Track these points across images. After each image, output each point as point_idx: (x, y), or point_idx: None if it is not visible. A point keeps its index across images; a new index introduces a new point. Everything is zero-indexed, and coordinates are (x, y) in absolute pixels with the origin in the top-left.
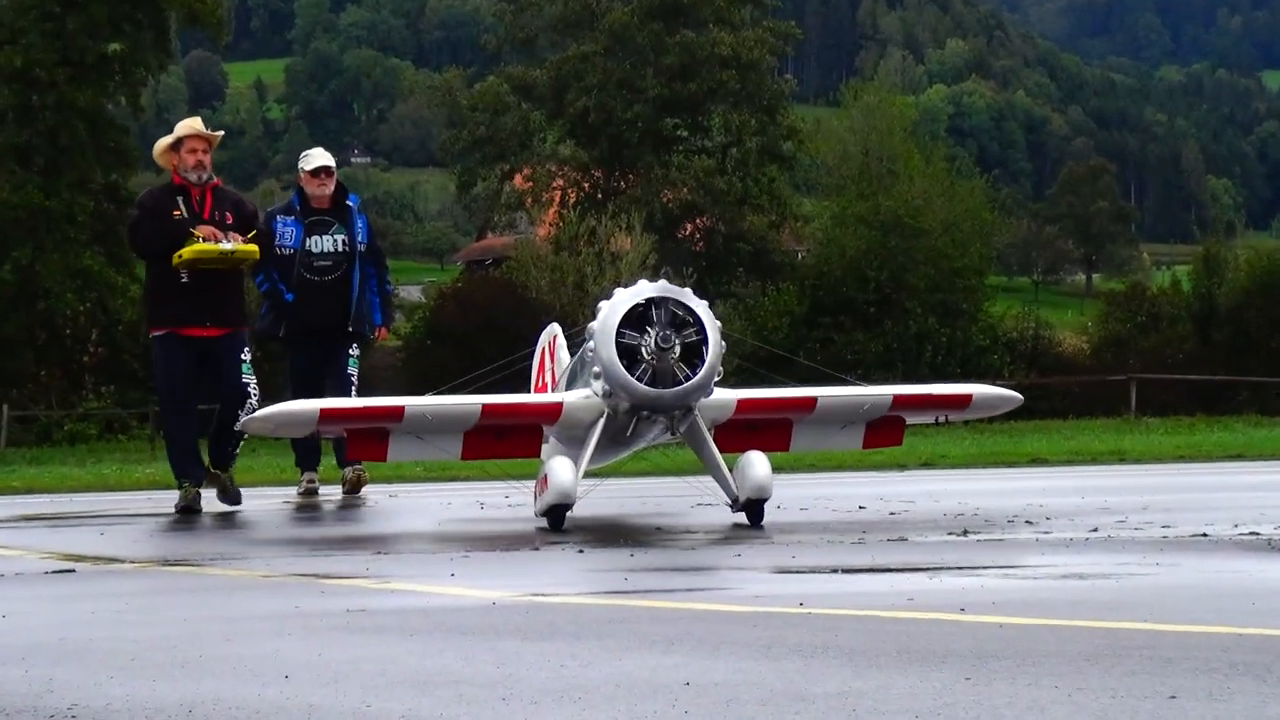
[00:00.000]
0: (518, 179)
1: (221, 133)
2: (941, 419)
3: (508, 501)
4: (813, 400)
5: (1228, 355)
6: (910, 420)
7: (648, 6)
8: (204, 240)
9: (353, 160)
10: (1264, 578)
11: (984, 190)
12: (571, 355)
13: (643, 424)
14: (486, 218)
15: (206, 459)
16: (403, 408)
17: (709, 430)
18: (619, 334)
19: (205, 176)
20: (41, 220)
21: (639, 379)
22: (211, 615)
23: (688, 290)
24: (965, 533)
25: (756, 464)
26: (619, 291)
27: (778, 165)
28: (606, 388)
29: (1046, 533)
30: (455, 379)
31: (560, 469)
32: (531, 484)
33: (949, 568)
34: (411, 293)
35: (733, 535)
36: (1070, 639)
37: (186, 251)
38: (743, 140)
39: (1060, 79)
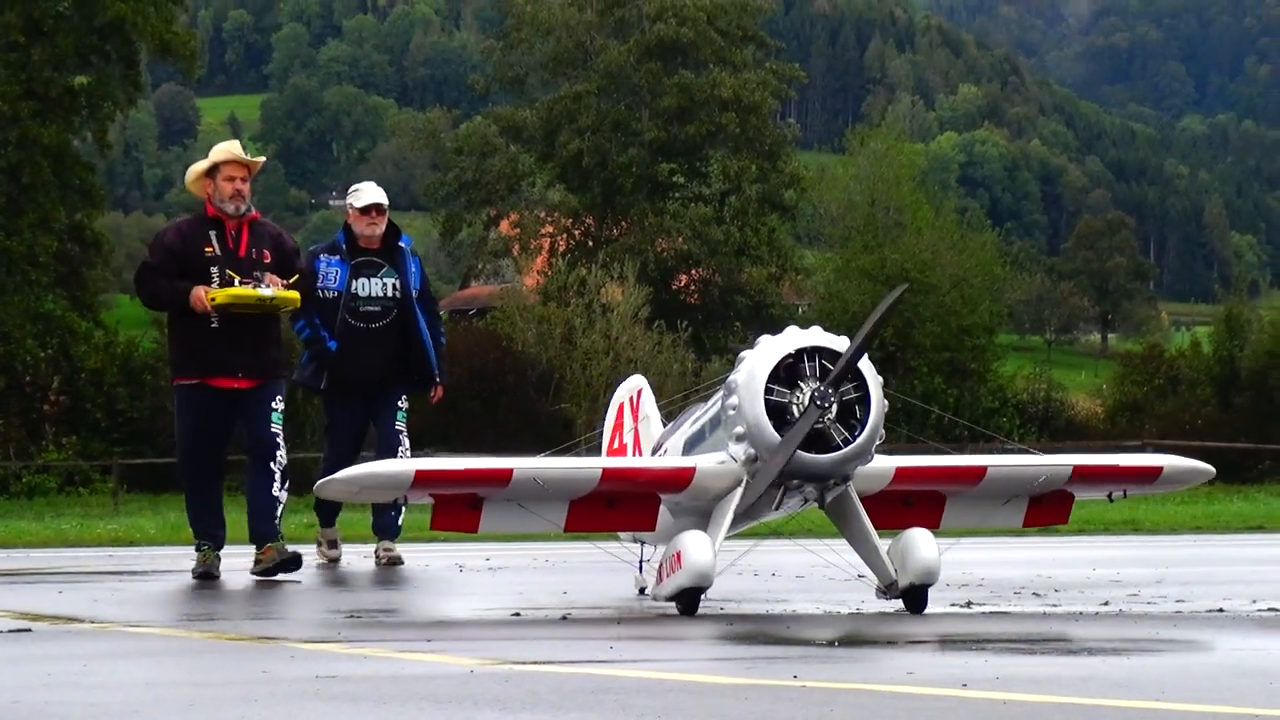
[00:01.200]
0: (504, 225)
1: (264, 159)
2: (1119, 494)
3: (488, 563)
4: (981, 470)
5: (1249, 422)
6: (1081, 496)
7: (645, 45)
8: (239, 284)
9: (331, 203)
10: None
11: (995, 244)
12: (662, 411)
13: (789, 494)
14: (471, 265)
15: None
16: (511, 470)
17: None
18: (767, 390)
19: (244, 208)
20: (1, 261)
21: None
22: (174, 679)
23: (843, 339)
24: (969, 604)
25: (922, 543)
26: (765, 340)
27: (778, 214)
28: (751, 451)
29: (1055, 605)
30: (433, 433)
31: (698, 546)
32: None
33: (952, 640)
34: None
35: (721, 602)
36: (1079, 716)
37: (220, 295)
38: (742, 187)
39: (1077, 128)
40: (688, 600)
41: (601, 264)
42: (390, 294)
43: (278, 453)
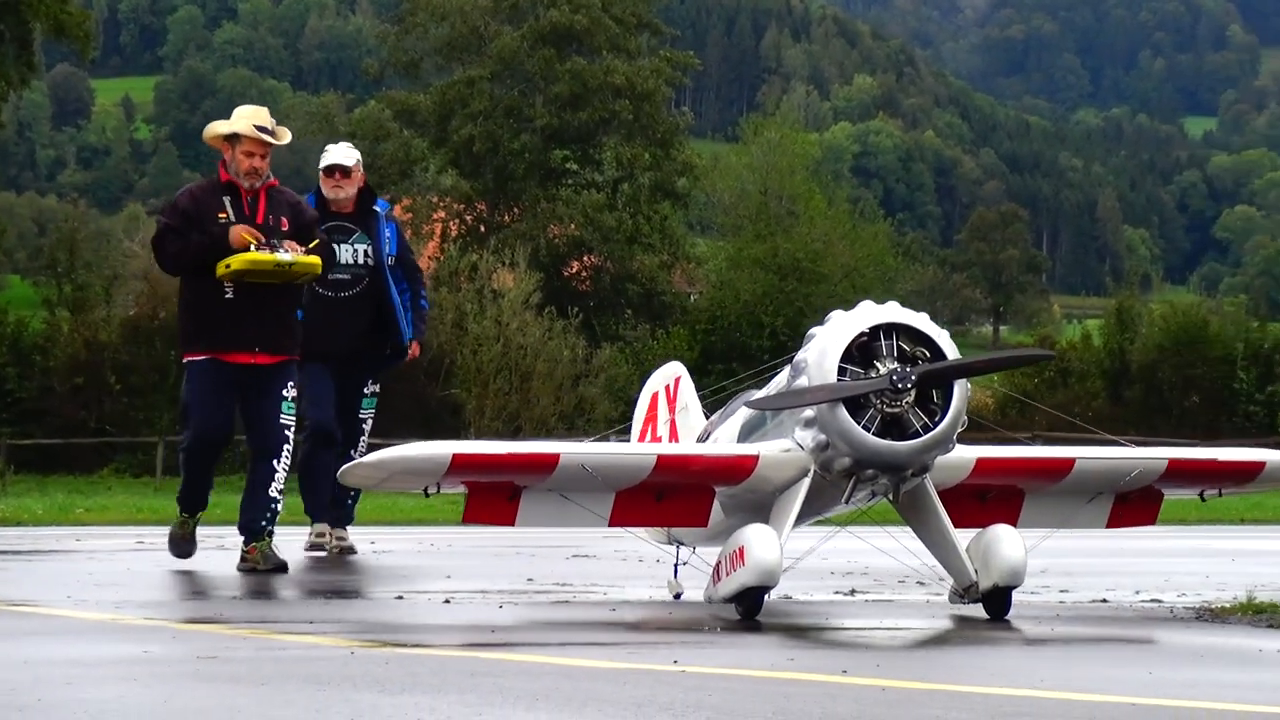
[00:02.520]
0: (397, 209)
1: (289, 135)
2: (1212, 493)
3: (372, 547)
4: (1069, 463)
5: (1139, 415)
6: (1172, 494)
7: (539, 31)
8: (255, 248)
9: None
10: (1163, 647)
11: (888, 234)
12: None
13: (861, 486)
14: None
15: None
16: (557, 456)
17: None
18: (840, 371)
19: (260, 183)
20: None
21: (866, 429)
22: (55, 658)
23: (923, 315)
24: (853, 592)
25: (1007, 542)
26: (836, 316)
27: (671, 202)
28: (822, 439)
29: (938, 594)
30: None
31: (763, 541)
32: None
33: (833, 628)
34: None
35: (609, 589)
36: (956, 704)
37: (236, 261)
38: (635, 175)
39: (972, 119)
40: (750, 601)
41: (493, 250)
42: (361, 261)
43: (285, 448)
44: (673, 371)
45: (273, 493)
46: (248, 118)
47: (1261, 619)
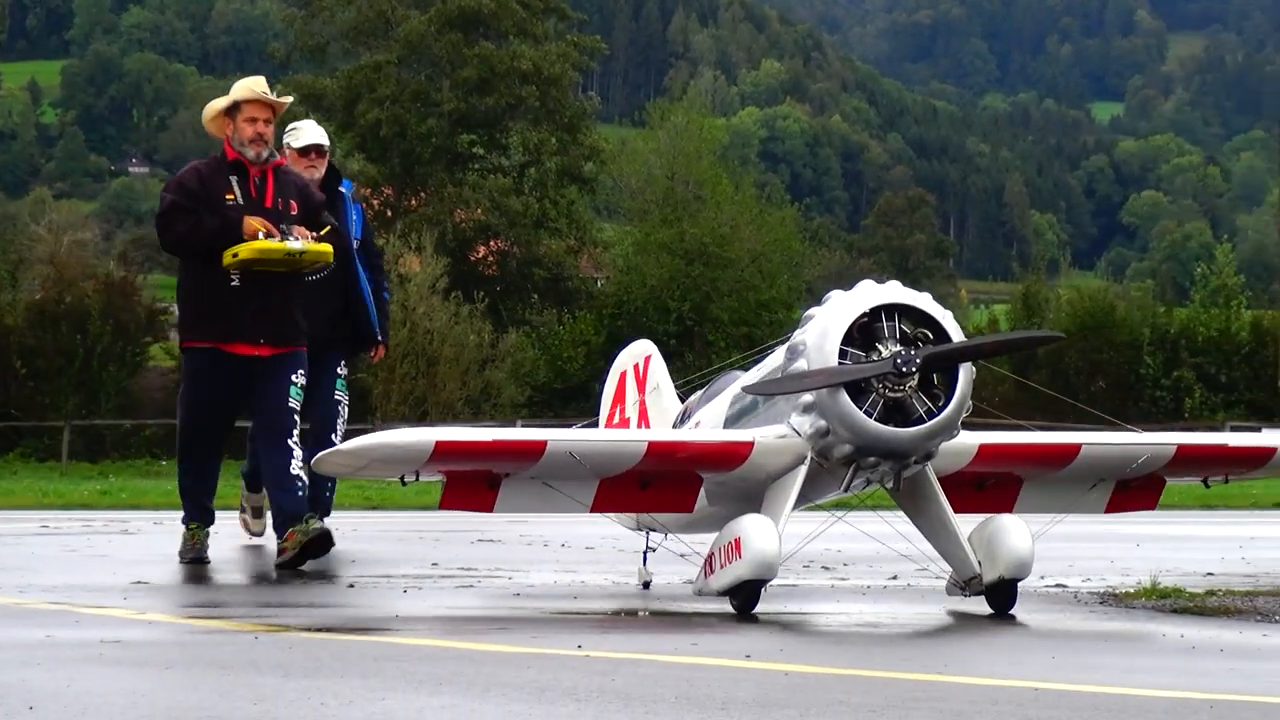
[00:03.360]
0: None
1: (290, 99)
2: (1218, 479)
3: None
4: (1075, 449)
5: (1045, 401)
6: (1175, 480)
7: (446, 16)
8: (264, 236)
9: (131, 169)
10: (1068, 631)
11: (795, 219)
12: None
13: (861, 473)
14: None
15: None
16: (544, 443)
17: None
18: (841, 354)
19: (266, 154)
20: None
21: (868, 414)
22: None
23: (926, 295)
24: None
25: (1014, 532)
26: (836, 296)
27: (578, 187)
28: (821, 425)
29: (843, 579)
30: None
31: (761, 532)
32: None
33: (738, 614)
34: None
35: (514, 573)
36: (859, 689)
37: (244, 250)
38: (542, 159)
39: (879, 104)
40: (746, 594)
41: (400, 234)
42: None
43: (294, 429)
44: (641, 350)
45: (294, 471)
46: (245, 85)
47: (1165, 604)
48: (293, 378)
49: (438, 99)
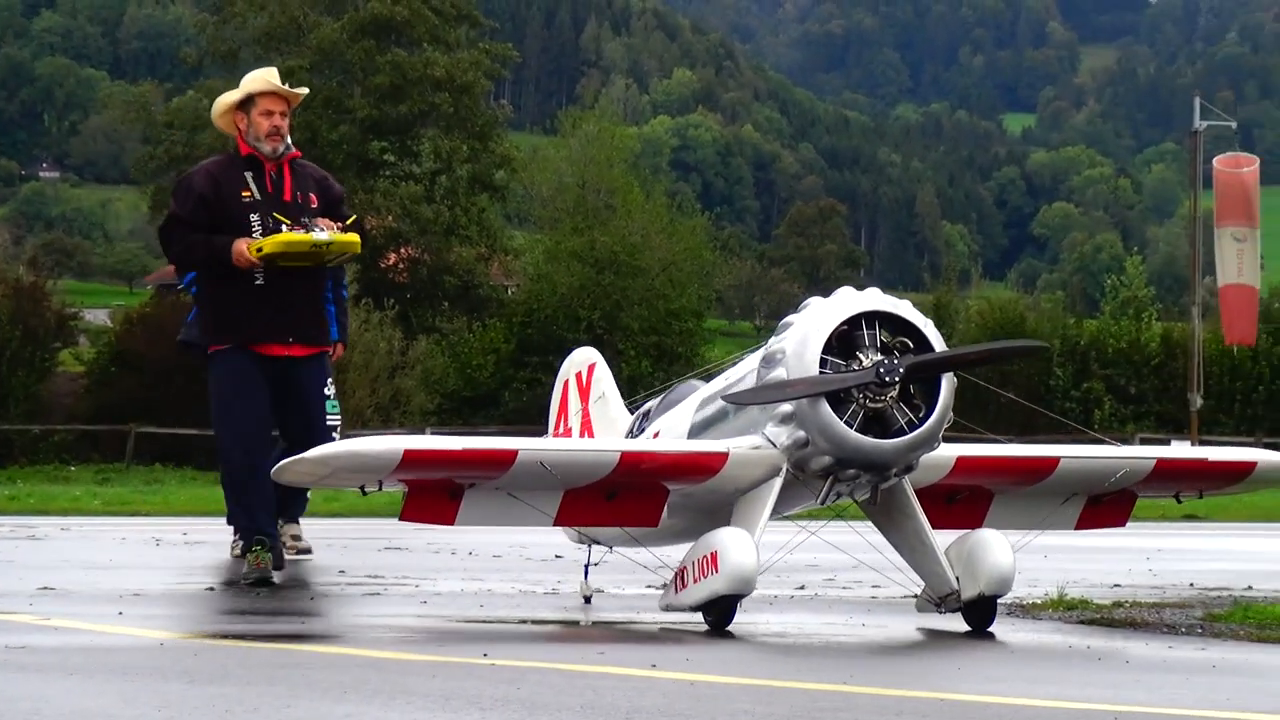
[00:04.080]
0: None
1: (305, 90)
2: (1192, 494)
3: (185, 538)
4: (1053, 462)
5: (955, 411)
6: (1147, 495)
7: (358, 23)
8: (288, 228)
9: (41, 174)
10: (974, 642)
11: (706, 228)
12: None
13: (839, 486)
14: None
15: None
16: (515, 452)
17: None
18: (821, 363)
19: (282, 148)
20: None
21: (849, 425)
22: None
23: (906, 303)
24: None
25: (995, 546)
26: (815, 304)
27: (489, 195)
28: (800, 435)
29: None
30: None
31: (740, 546)
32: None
33: (644, 622)
34: (98, 316)
35: (421, 581)
36: (764, 699)
37: (269, 244)
38: (453, 167)
39: (791, 114)
40: (722, 610)
41: None
42: None
43: None
44: (585, 358)
45: (306, 494)
46: (259, 77)
47: (1072, 615)
48: (325, 389)
49: (349, 106)
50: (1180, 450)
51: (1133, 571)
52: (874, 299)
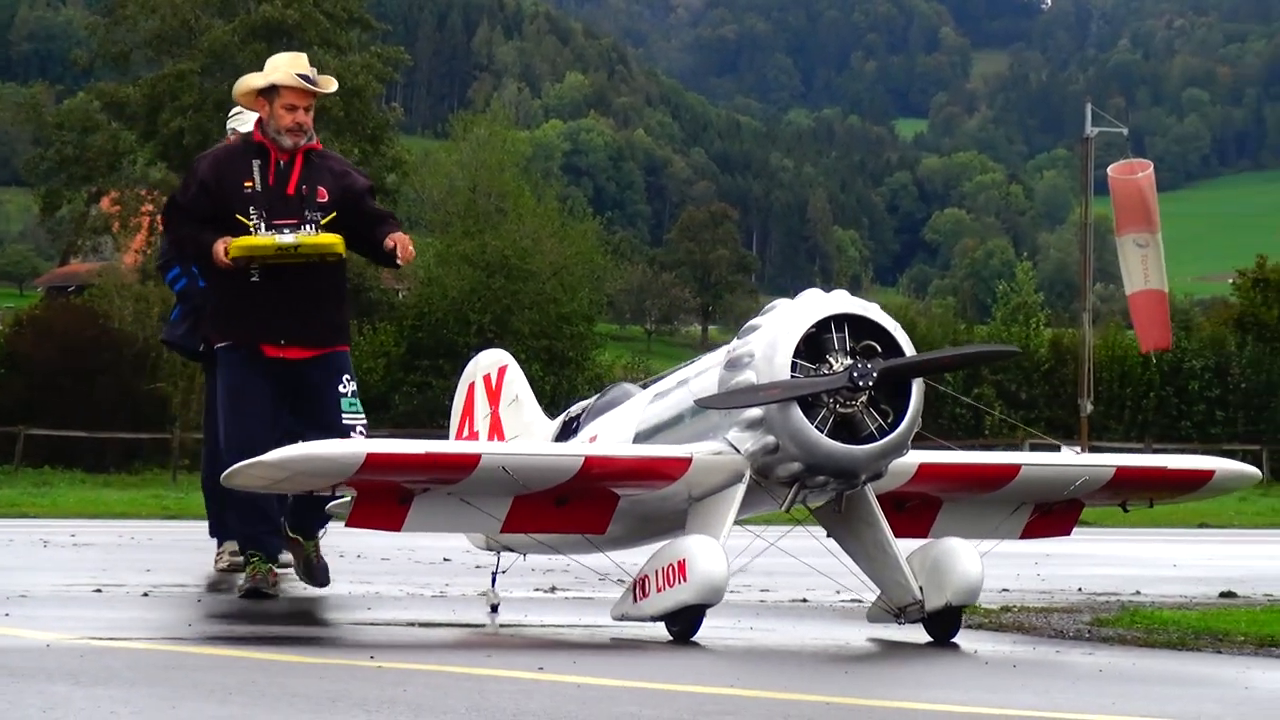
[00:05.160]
0: (105, 202)
1: (335, 84)
2: (1141, 503)
3: (73, 539)
4: (1014, 469)
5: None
6: (1094, 504)
7: (250, 25)
8: (255, 231)
9: None
10: (864, 646)
11: (597, 233)
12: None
13: (806, 493)
14: (71, 242)
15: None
16: (478, 456)
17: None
18: (792, 366)
19: (302, 142)
20: None
21: (819, 429)
22: None
23: (874, 305)
24: (553, 589)
25: (964, 556)
26: (783, 306)
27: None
28: (769, 441)
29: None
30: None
31: (710, 556)
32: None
33: (532, 625)
34: None
35: (303, 582)
36: (650, 702)
37: (234, 245)
38: None
39: (683, 119)
40: (688, 620)
41: None
42: None
43: None
44: (494, 360)
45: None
46: (286, 65)
47: (970, 619)
48: (340, 387)
49: None
50: (1140, 459)
51: (1021, 576)
52: (843, 301)
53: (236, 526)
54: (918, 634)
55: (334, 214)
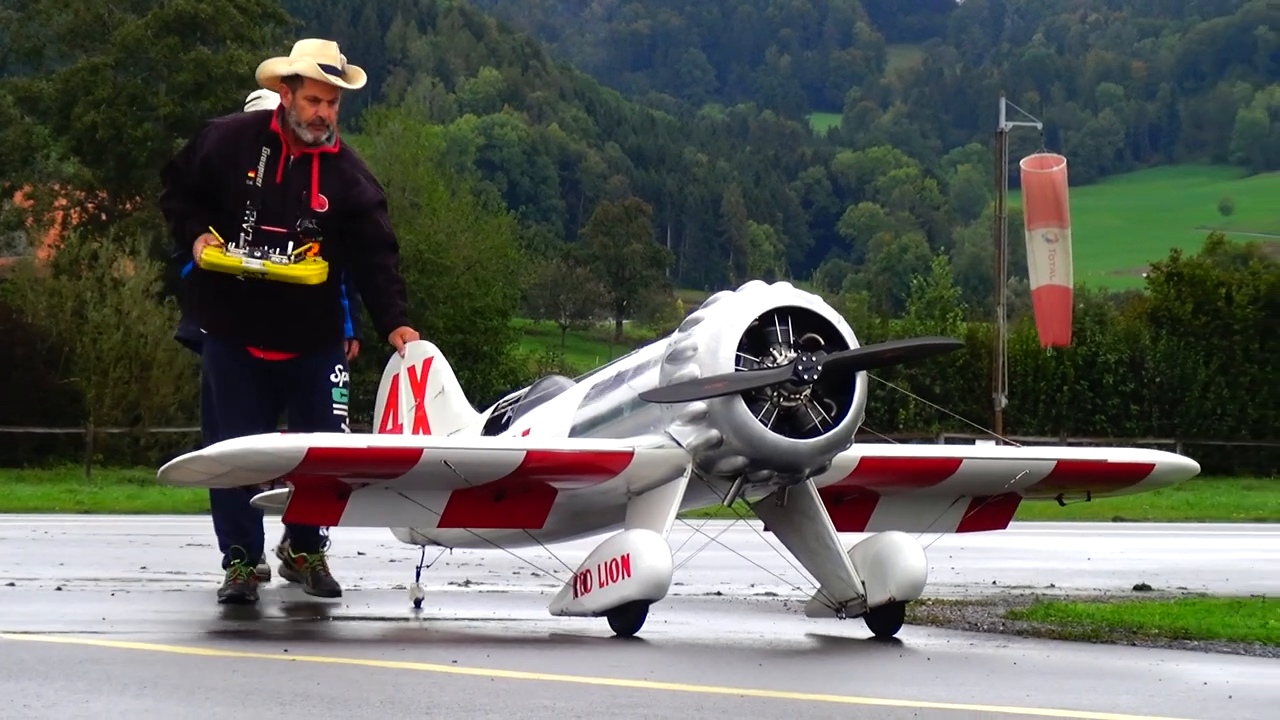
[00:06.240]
0: (18, 197)
1: (364, 77)
2: (1078, 497)
3: None
4: (955, 463)
5: None
6: (1032, 498)
7: (163, 20)
8: (226, 251)
9: None
10: (778, 638)
11: (511, 227)
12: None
13: (749, 487)
14: None
15: (280, 540)
16: (420, 450)
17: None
18: (736, 360)
19: (324, 137)
20: None
21: (763, 423)
22: None
23: (817, 298)
24: (468, 583)
25: (907, 550)
26: (725, 299)
27: None
28: (713, 435)
29: (553, 586)
30: None
31: (654, 550)
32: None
33: (446, 619)
34: None
35: (218, 576)
36: (564, 694)
37: (203, 258)
38: None
39: (598, 113)
40: (632, 615)
41: (114, 238)
42: None
43: None
44: (420, 352)
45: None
46: (312, 54)
47: None
48: (331, 377)
49: (154, 103)
50: (1080, 453)
51: (935, 570)
52: (786, 294)
53: (221, 526)
54: (835, 628)
55: (320, 239)
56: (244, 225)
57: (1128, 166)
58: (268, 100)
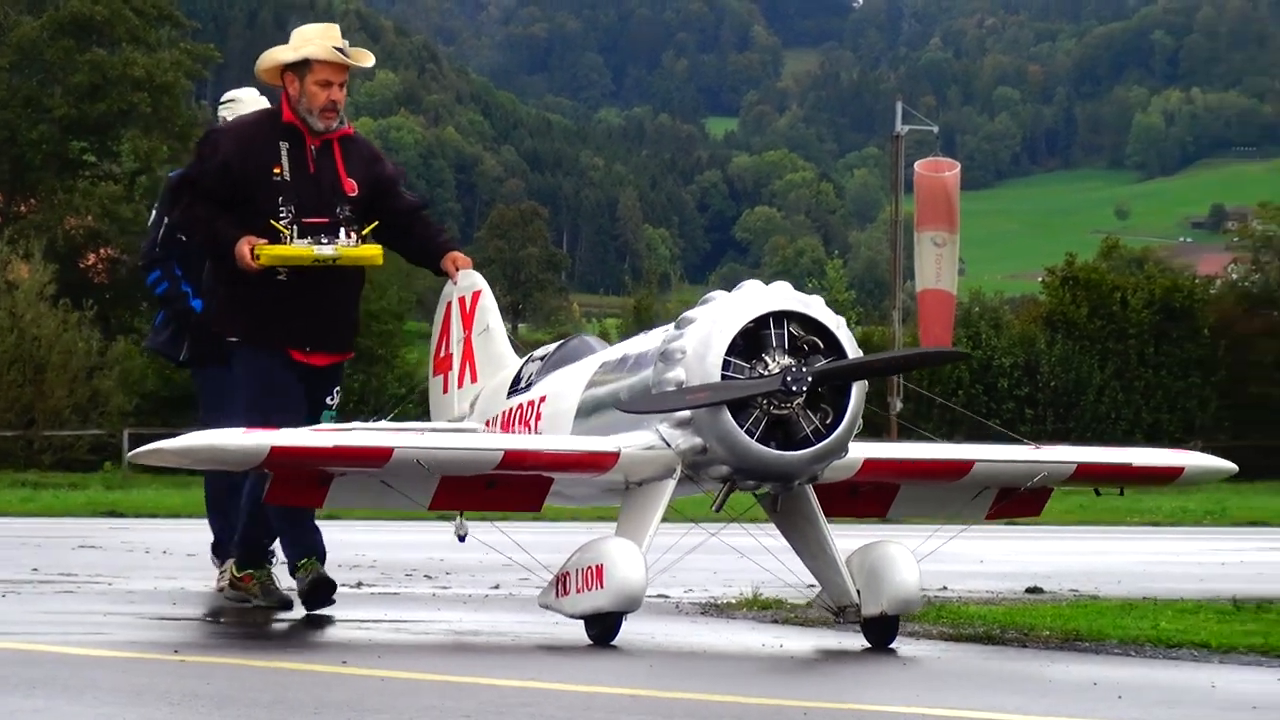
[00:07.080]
0: None
1: (371, 58)
2: (1114, 490)
3: None
4: (966, 466)
5: None
6: (1064, 489)
7: (58, 22)
8: (289, 240)
9: None
10: (669, 640)
11: None
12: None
13: (737, 490)
14: None
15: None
16: (390, 450)
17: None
18: (724, 364)
19: (335, 124)
20: None
21: (750, 433)
22: None
23: (817, 299)
24: (360, 585)
25: (901, 563)
26: (720, 299)
27: None
28: (697, 442)
29: (445, 588)
30: None
31: (628, 560)
32: None
33: (338, 621)
34: None
35: (115, 579)
36: (452, 694)
37: (265, 254)
38: (153, 167)
39: (494, 117)
40: (604, 626)
41: (8, 241)
42: None
43: None
44: (469, 284)
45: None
46: (318, 37)
47: (766, 614)
48: (328, 400)
49: (49, 105)
50: (1103, 454)
51: None
52: (783, 296)
53: (278, 528)
54: (726, 631)
55: (375, 223)
56: (284, 237)
57: (1024, 170)
58: (241, 104)
